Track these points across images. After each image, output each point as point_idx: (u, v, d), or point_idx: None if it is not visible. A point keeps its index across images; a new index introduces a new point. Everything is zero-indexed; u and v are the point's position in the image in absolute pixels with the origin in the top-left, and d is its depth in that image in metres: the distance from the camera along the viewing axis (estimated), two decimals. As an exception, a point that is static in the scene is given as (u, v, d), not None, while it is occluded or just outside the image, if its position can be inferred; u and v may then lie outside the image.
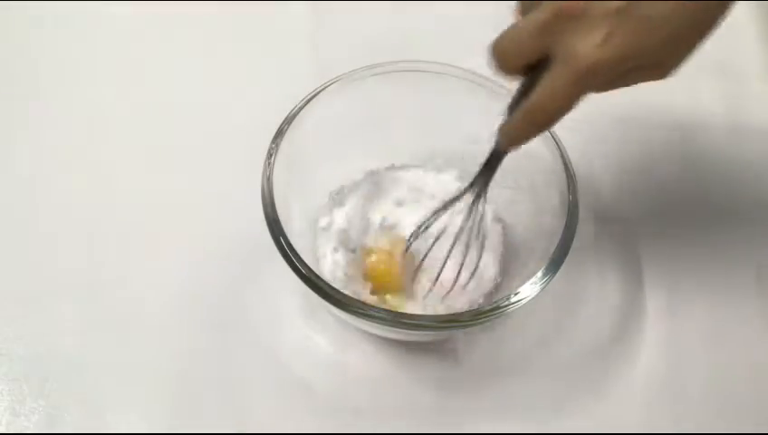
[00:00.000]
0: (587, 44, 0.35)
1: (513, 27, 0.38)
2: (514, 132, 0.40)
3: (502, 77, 0.39)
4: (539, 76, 0.37)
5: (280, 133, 0.47)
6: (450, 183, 0.53)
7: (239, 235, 0.51)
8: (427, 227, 0.47)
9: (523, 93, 0.39)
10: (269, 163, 0.45)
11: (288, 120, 0.47)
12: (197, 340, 0.49)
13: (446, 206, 0.46)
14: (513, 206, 0.52)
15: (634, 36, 0.35)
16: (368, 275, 0.49)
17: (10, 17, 0.65)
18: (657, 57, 0.36)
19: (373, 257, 0.50)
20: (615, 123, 0.60)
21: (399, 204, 0.53)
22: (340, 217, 0.51)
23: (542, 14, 0.36)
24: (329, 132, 0.50)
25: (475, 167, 0.51)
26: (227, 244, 0.52)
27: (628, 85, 0.37)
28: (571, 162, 0.47)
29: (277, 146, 0.46)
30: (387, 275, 0.49)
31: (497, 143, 0.42)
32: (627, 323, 0.51)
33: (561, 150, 0.47)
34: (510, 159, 0.51)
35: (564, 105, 0.37)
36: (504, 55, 0.38)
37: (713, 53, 0.64)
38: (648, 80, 0.37)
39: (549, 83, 0.37)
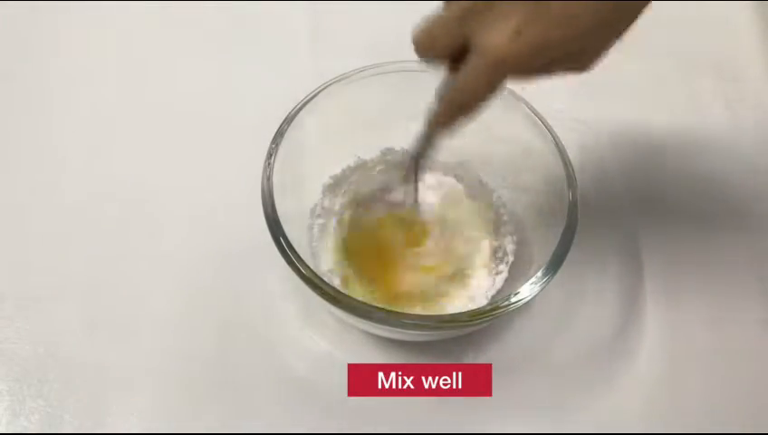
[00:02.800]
0: (498, 37, 0.35)
1: (432, 16, 0.38)
2: (441, 118, 0.40)
3: (425, 64, 0.39)
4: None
5: (280, 133, 0.47)
6: (449, 183, 0.53)
7: (239, 235, 0.51)
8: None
9: (447, 79, 0.39)
10: (269, 163, 0.45)
11: (288, 120, 0.47)
12: (197, 340, 0.49)
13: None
14: (513, 206, 0.52)
15: (544, 31, 0.34)
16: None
17: (10, 17, 0.65)
18: (571, 51, 0.36)
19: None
20: (615, 123, 0.60)
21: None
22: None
23: (455, 4, 0.36)
24: (329, 132, 0.50)
25: (475, 167, 0.51)
26: (227, 244, 0.52)
27: (550, 75, 0.37)
28: (571, 162, 0.47)
29: (277, 146, 0.46)
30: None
31: (426, 126, 0.42)
32: (627, 323, 0.51)
33: (561, 150, 0.47)
34: (510, 159, 0.51)
35: (481, 94, 0.37)
36: (422, 44, 0.38)
37: (713, 53, 0.65)
38: (570, 72, 0.37)
39: (465, 74, 0.37)
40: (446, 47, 0.38)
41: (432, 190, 0.52)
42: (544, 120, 0.48)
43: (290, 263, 0.42)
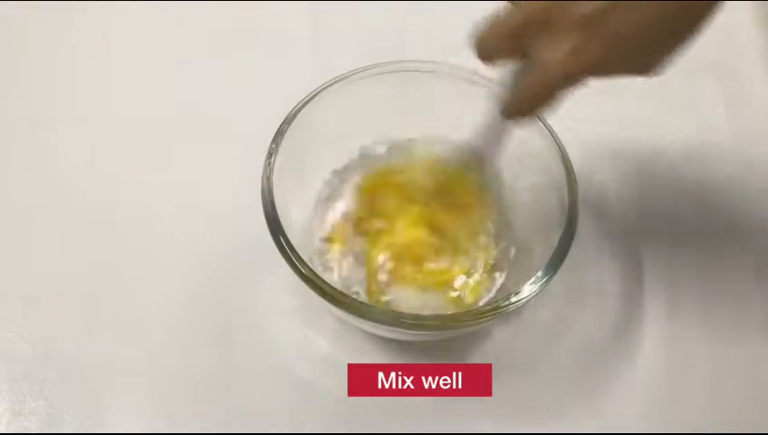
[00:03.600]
0: (555, 55, 0.35)
1: (492, 21, 0.38)
2: (512, 111, 0.40)
3: (485, 64, 0.39)
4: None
5: (280, 133, 0.47)
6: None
7: (239, 234, 0.51)
8: None
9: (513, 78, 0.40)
10: (269, 163, 0.45)
11: (288, 120, 0.47)
12: (197, 340, 0.49)
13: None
14: (514, 205, 0.52)
15: (603, 48, 0.34)
16: None
17: (10, 17, 0.65)
18: (632, 63, 0.36)
19: None
20: (615, 123, 0.60)
21: None
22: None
23: (513, 17, 0.36)
24: (329, 132, 0.50)
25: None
26: (227, 243, 0.52)
27: (614, 77, 0.37)
28: (571, 162, 0.47)
29: (277, 146, 0.46)
30: None
31: (493, 117, 0.42)
32: (627, 323, 0.51)
33: (561, 150, 0.47)
34: (510, 159, 0.51)
35: (541, 102, 0.38)
36: (484, 51, 0.39)
37: (713, 53, 0.65)
38: (631, 76, 0.37)
39: (525, 84, 0.38)
40: (503, 56, 0.38)
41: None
42: (544, 120, 0.48)
43: (290, 263, 0.42)
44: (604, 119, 0.60)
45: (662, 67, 0.36)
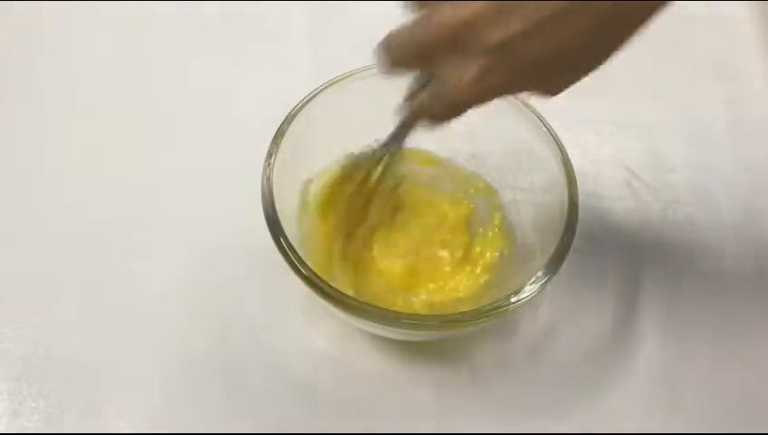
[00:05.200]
0: (460, 78, 0.34)
1: (403, 31, 0.37)
2: (407, 121, 0.41)
3: (386, 74, 0.39)
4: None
5: (280, 133, 0.47)
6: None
7: (239, 234, 0.51)
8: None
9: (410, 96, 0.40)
10: (269, 163, 0.45)
11: (288, 120, 0.47)
12: (197, 340, 0.49)
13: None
14: (514, 205, 0.52)
15: (511, 74, 0.34)
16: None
17: (10, 17, 0.65)
18: (539, 87, 0.36)
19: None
20: (615, 123, 0.60)
21: None
22: None
23: (424, 30, 0.35)
24: (329, 132, 0.50)
25: (474, 167, 0.51)
26: (227, 244, 0.52)
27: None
28: (571, 162, 0.47)
29: (277, 146, 0.46)
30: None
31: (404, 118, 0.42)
32: (627, 323, 0.51)
33: (561, 150, 0.47)
34: (510, 159, 0.51)
35: (439, 122, 0.38)
36: (392, 60, 0.38)
37: (713, 54, 0.65)
38: (537, 96, 0.37)
39: (425, 101, 0.37)
40: (410, 67, 0.38)
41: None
42: (544, 120, 0.48)
43: (290, 263, 0.42)
44: (604, 119, 0.60)
45: (567, 88, 0.36)
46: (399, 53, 0.37)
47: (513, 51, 0.33)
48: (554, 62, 0.34)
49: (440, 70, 0.35)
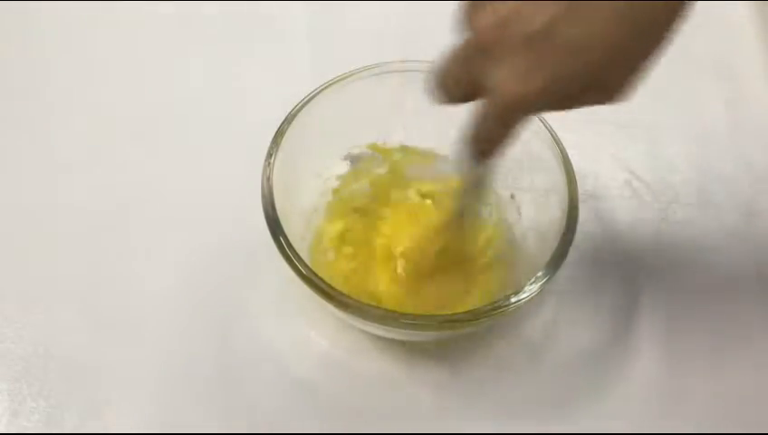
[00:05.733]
0: (506, 78, 0.32)
1: (445, 57, 0.36)
2: (473, 154, 0.39)
3: (447, 104, 0.38)
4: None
5: (280, 133, 0.47)
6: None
7: (239, 234, 0.51)
8: None
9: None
10: (269, 163, 0.45)
11: (288, 120, 0.47)
12: (197, 340, 0.49)
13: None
14: (513, 205, 0.52)
15: (555, 66, 0.32)
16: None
17: (10, 17, 0.65)
18: (589, 85, 0.33)
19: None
20: (615, 123, 0.60)
21: None
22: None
23: (460, 48, 0.34)
24: (329, 132, 0.50)
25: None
26: (227, 244, 0.52)
27: (577, 107, 0.34)
28: (571, 162, 0.47)
29: (277, 146, 0.46)
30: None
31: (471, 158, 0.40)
32: (627, 323, 0.51)
33: (561, 150, 0.47)
34: (510, 160, 0.51)
35: (499, 136, 0.36)
36: (438, 95, 0.37)
37: (713, 53, 0.65)
38: (596, 104, 0.34)
39: (480, 115, 0.36)
40: (460, 95, 0.36)
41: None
42: (544, 120, 0.48)
43: (290, 262, 0.42)
44: (604, 119, 0.60)
45: (625, 90, 0.34)
46: (446, 76, 0.36)
47: (551, 38, 0.31)
48: (598, 50, 0.31)
49: (486, 76, 0.33)
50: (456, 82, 0.36)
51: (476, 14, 0.33)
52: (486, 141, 0.36)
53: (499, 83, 0.33)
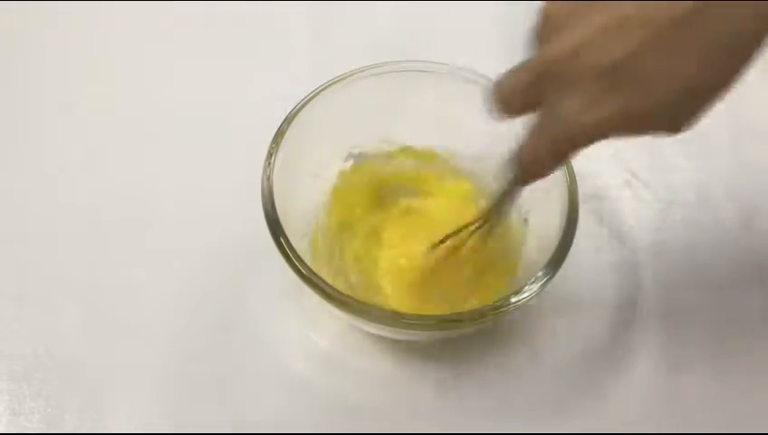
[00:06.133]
0: (569, 108, 0.32)
1: (510, 72, 0.36)
2: (522, 176, 0.39)
3: (504, 118, 0.38)
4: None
5: (280, 133, 0.47)
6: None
7: (239, 235, 0.51)
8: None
9: None
10: (269, 163, 0.45)
11: (288, 120, 0.47)
12: (197, 340, 0.49)
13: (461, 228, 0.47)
14: (513, 205, 0.52)
15: (622, 101, 0.31)
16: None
17: (10, 17, 0.65)
18: (661, 115, 0.32)
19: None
20: (615, 123, 0.60)
21: None
22: None
23: (528, 68, 0.34)
24: (329, 132, 0.50)
25: (472, 166, 0.51)
26: (227, 244, 0.52)
27: (638, 136, 0.34)
28: (571, 162, 0.47)
29: (277, 146, 0.46)
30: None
31: (513, 176, 0.40)
32: (627, 323, 0.51)
33: (561, 150, 0.47)
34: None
35: (554, 162, 0.36)
36: (497, 104, 0.37)
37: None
38: (658, 134, 0.34)
39: (533, 139, 0.36)
40: (519, 109, 0.36)
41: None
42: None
43: (290, 263, 0.42)
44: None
45: (691, 124, 0.33)
46: (510, 92, 0.36)
47: (622, 72, 0.31)
48: (673, 85, 0.31)
49: (549, 102, 0.34)
50: (520, 99, 0.35)
51: (550, 35, 0.33)
52: (537, 164, 0.36)
53: (567, 113, 0.33)
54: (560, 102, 0.33)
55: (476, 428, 0.47)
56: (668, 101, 0.31)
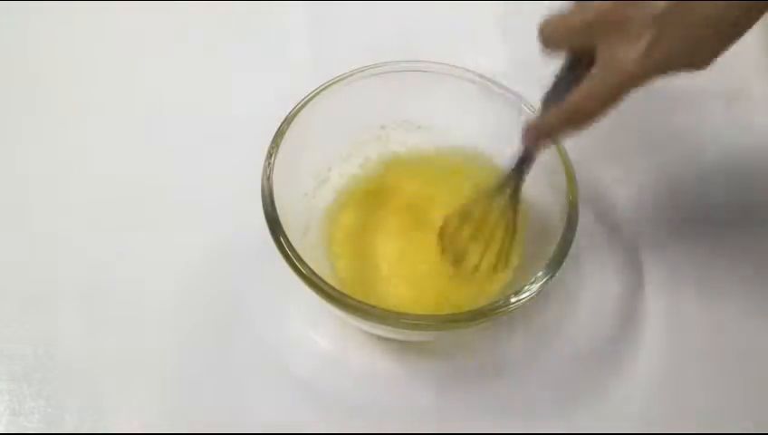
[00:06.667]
0: (629, 54, 0.36)
1: (563, 15, 0.38)
2: (548, 128, 0.41)
3: (546, 54, 0.40)
4: (580, 73, 0.38)
5: (280, 133, 0.47)
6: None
7: (239, 234, 0.51)
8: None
9: (558, 86, 0.40)
10: (269, 163, 0.45)
11: (288, 120, 0.47)
12: (198, 340, 0.49)
13: (476, 201, 0.47)
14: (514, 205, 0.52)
15: (677, 42, 0.35)
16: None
17: (10, 17, 0.65)
18: (695, 57, 0.37)
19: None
20: (615, 123, 0.60)
21: None
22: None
23: (587, 12, 0.37)
24: (329, 132, 0.50)
25: (472, 164, 0.51)
26: (227, 244, 0.52)
27: (669, 76, 0.38)
28: (571, 162, 0.47)
29: (277, 146, 0.46)
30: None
31: (526, 138, 0.43)
32: (627, 322, 0.51)
33: (561, 150, 0.47)
34: (511, 160, 0.51)
35: (603, 108, 0.38)
36: (550, 39, 0.39)
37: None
38: (684, 72, 0.38)
39: (590, 86, 0.38)
40: (568, 45, 0.39)
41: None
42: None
43: (290, 263, 0.42)
44: (605, 119, 0.60)
45: (715, 59, 0.37)
46: (560, 30, 0.38)
47: (676, 17, 0.35)
48: (712, 26, 0.35)
49: (606, 48, 0.36)
50: (569, 37, 0.38)
51: None
52: (589, 110, 0.38)
53: (619, 58, 0.36)
54: (617, 48, 0.36)
55: (476, 428, 0.47)
56: (707, 41, 0.36)
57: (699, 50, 0.36)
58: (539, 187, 0.49)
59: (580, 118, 0.39)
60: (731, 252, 0.55)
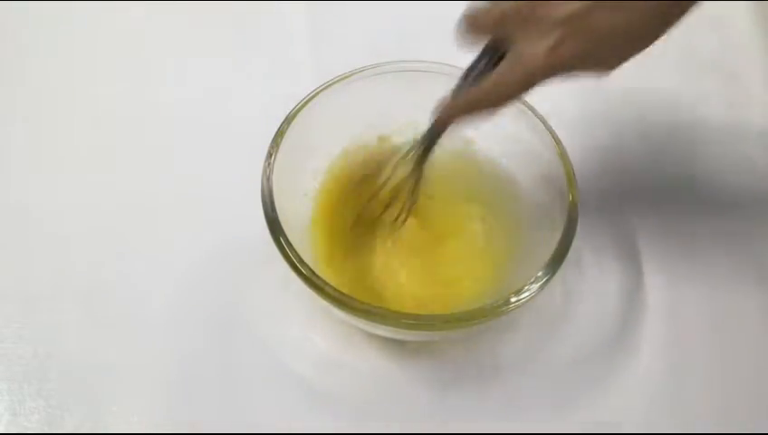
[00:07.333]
0: (536, 48, 0.37)
1: (483, 7, 0.40)
2: (456, 110, 0.42)
3: (464, 42, 0.41)
4: (496, 62, 0.40)
5: (280, 133, 0.47)
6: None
7: (239, 235, 0.51)
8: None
9: (474, 72, 0.42)
10: (269, 163, 0.45)
11: (288, 120, 0.47)
12: (197, 340, 0.49)
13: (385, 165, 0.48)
14: (513, 205, 0.52)
15: (582, 45, 0.37)
16: None
17: (10, 17, 0.65)
18: (602, 60, 0.38)
19: None
20: (615, 123, 0.60)
21: None
22: None
23: (504, 6, 0.39)
24: (329, 132, 0.50)
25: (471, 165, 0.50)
26: (227, 244, 0.52)
27: (569, 77, 0.39)
28: (570, 162, 0.47)
29: (277, 146, 0.46)
30: None
31: (435, 116, 0.44)
32: (627, 322, 0.51)
33: (561, 150, 0.47)
34: (510, 159, 0.51)
35: (507, 99, 0.40)
36: (467, 23, 0.41)
37: (713, 54, 0.65)
38: (590, 75, 0.39)
39: (497, 76, 0.39)
40: (485, 35, 0.40)
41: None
42: (544, 120, 0.48)
43: (290, 263, 0.42)
44: (604, 118, 0.60)
45: (621, 64, 0.38)
46: (481, 21, 0.40)
47: (583, 22, 0.36)
48: (619, 35, 0.36)
49: (517, 41, 0.38)
50: (487, 26, 0.40)
51: None
52: (494, 98, 0.40)
53: (527, 51, 0.37)
54: (525, 42, 0.38)
55: (476, 428, 0.47)
56: (614, 49, 0.37)
57: (604, 55, 0.38)
58: (539, 186, 0.49)
59: (485, 105, 0.41)
60: (731, 252, 0.55)
